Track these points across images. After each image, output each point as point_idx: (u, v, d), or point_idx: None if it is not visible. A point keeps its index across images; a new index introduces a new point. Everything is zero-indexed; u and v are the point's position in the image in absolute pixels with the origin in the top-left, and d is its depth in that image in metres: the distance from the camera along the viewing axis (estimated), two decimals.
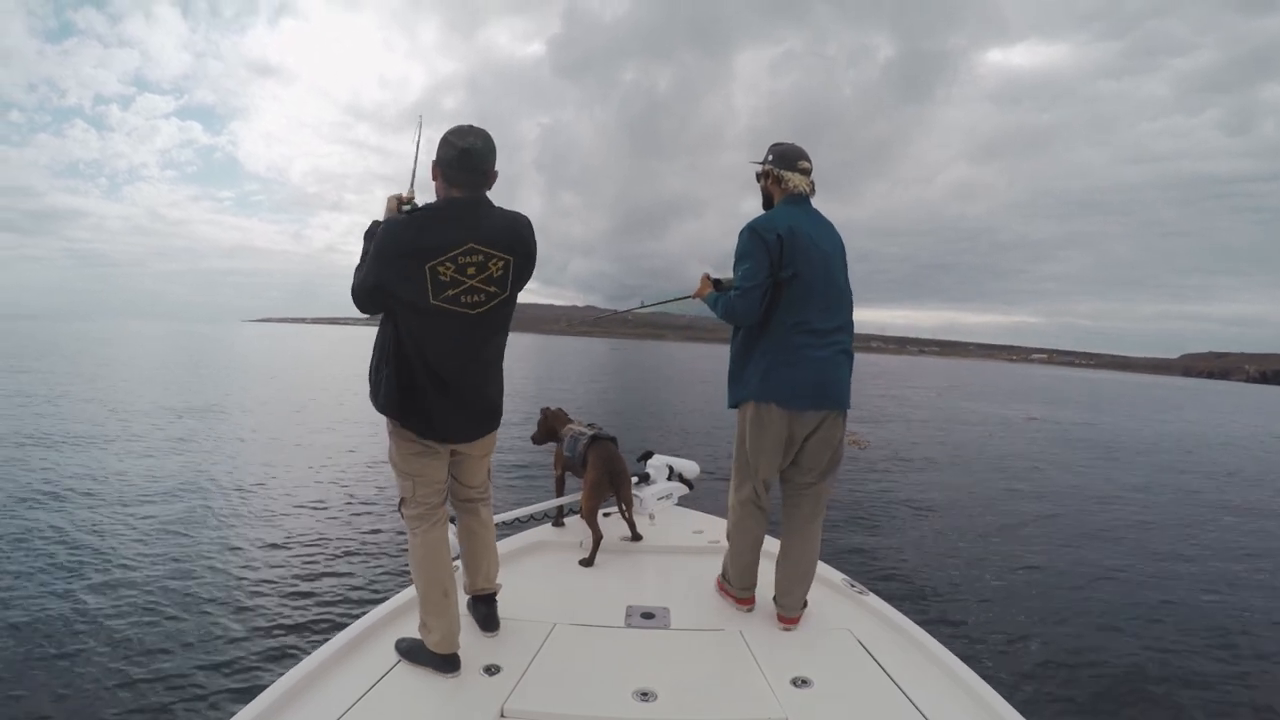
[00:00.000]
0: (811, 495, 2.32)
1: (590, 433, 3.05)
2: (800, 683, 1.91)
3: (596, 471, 2.88)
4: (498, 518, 2.48)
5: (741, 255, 2.23)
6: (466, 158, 1.82)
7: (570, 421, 3.26)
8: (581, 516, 2.88)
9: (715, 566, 2.85)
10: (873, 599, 2.41)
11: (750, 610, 2.40)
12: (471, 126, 1.87)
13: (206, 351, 39.57)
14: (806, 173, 2.31)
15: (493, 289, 1.85)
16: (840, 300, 2.28)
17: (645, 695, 1.81)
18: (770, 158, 2.35)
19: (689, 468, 3.76)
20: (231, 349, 45.01)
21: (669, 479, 3.69)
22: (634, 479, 3.65)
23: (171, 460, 8.59)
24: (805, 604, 2.32)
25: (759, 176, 2.41)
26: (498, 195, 1.93)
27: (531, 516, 3.22)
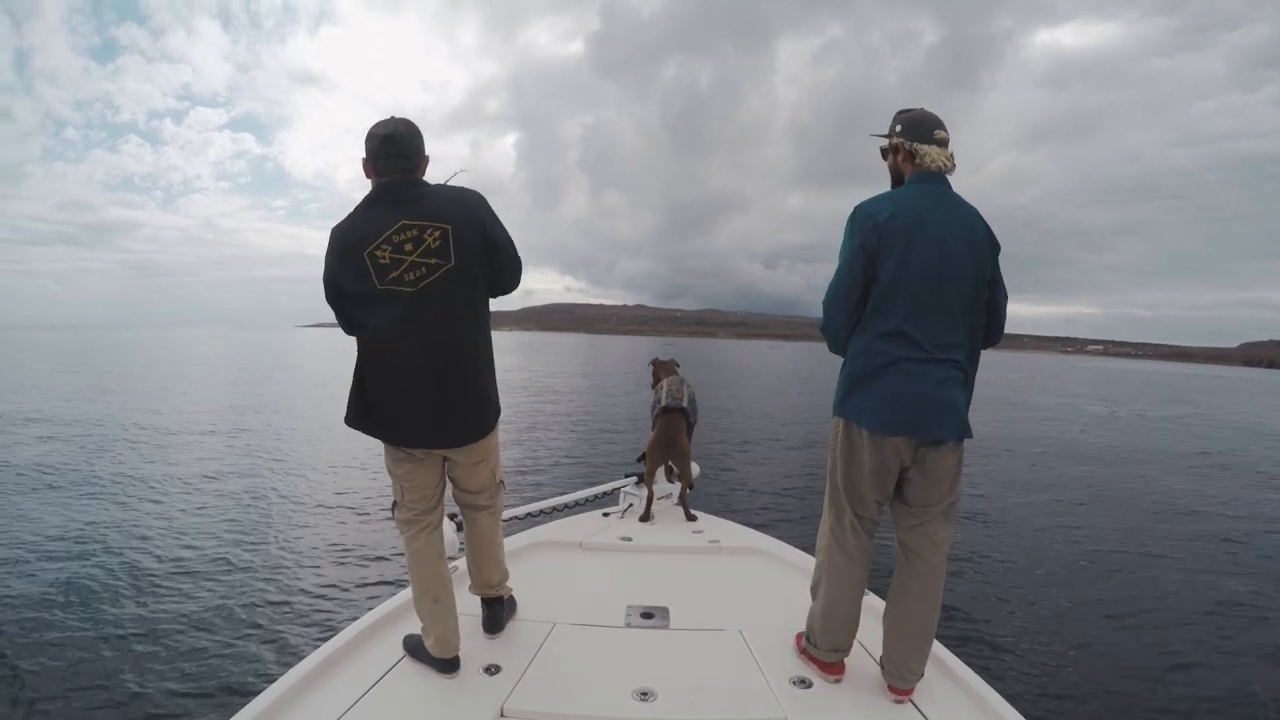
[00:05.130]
0: (924, 536, 1.88)
1: (666, 401, 3.47)
2: (800, 683, 1.91)
3: (653, 440, 3.40)
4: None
5: (841, 245, 1.91)
6: (390, 143, 1.82)
7: (674, 373, 3.77)
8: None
9: (715, 566, 2.82)
10: (873, 599, 2.36)
11: (839, 680, 1.94)
12: (393, 117, 1.89)
13: (257, 356, 40.43)
14: (944, 144, 1.89)
15: (433, 260, 1.78)
16: (957, 308, 1.81)
17: (645, 695, 1.81)
18: (898, 128, 1.93)
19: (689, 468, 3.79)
20: (281, 353, 45.81)
21: (669, 479, 3.72)
22: (633, 478, 3.73)
23: (190, 455, 8.85)
24: (923, 673, 1.88)
25: (884, 152, 2.00)
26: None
27: (529, 514, 3.26)
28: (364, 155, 1.87)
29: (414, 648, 1.98)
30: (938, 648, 1.99)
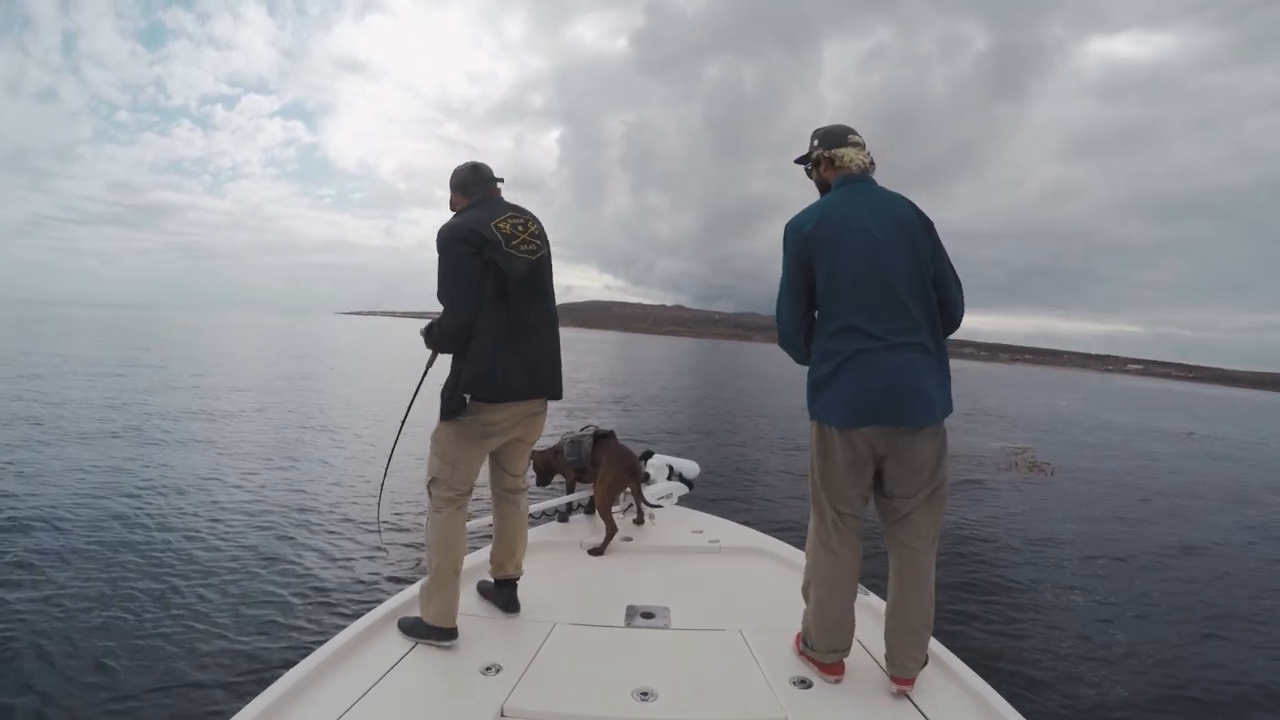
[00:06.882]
0: (908, 527, 1.88)
1: (587, 434, 3.17)
2: (800, 683, 1.90)
3: (614, 470, 3.05)
4: None
5: (782, 261, 1.97)
6: (477, 171, 2.24)
7: (559, 452, 3.23)
8: (597, 511, 2.98)
9: (715, 566, 2.81)
10: (873, 599, 2.35)
11: (839, 681, 1.93)
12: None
13: (296, 342, 40.77)
14: (860, 145, 1.99)
15: (537, 243, 2.17)
16: (903, 293, 1.82)
17: (645, 695, 1.81)
18: (816, 142, 2.05)
19: (689, 468, 3.80)
20: (318, 339, 45.98)
21: (669, 479, 3.72)
22: None
23: (204, 446, 8.84)
24: (926, 660, 1.90)
25: (809, 171, 2.10)
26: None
27: (529, 514, 3.24)
28: (450, 192, 2.27)
29: (410, 626, 2.08)
30: (937, 646, 1.98)
